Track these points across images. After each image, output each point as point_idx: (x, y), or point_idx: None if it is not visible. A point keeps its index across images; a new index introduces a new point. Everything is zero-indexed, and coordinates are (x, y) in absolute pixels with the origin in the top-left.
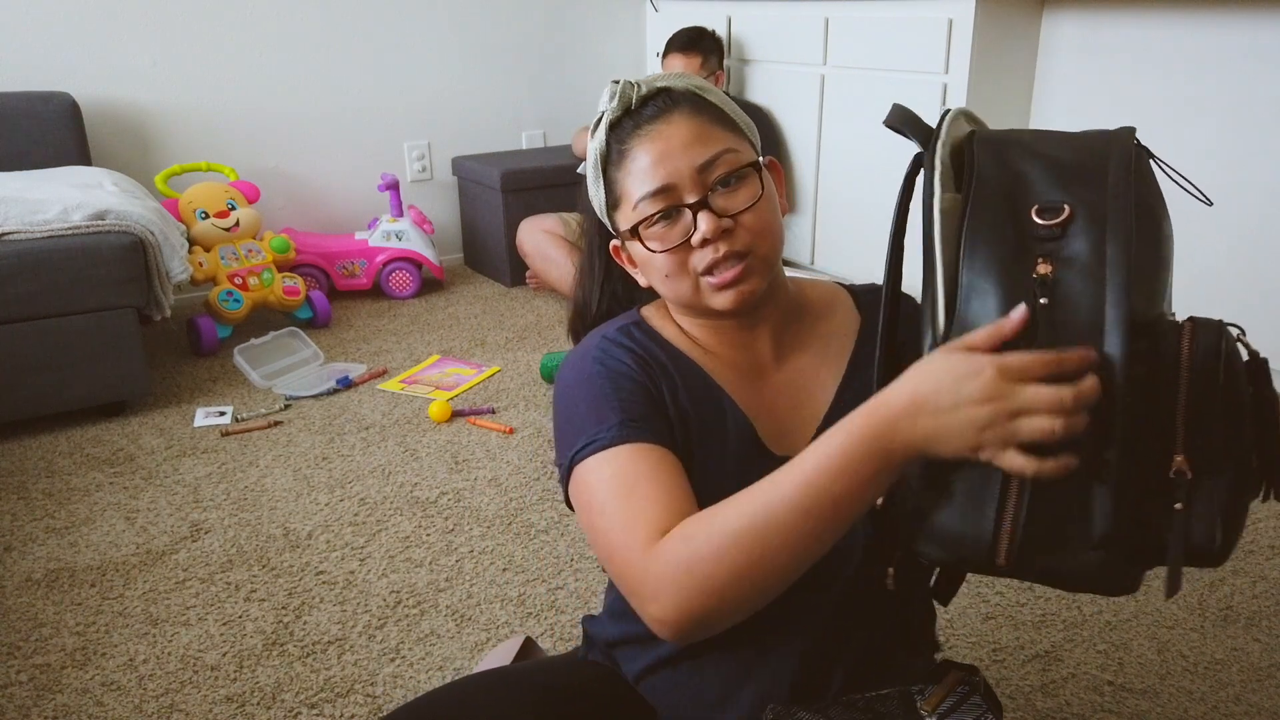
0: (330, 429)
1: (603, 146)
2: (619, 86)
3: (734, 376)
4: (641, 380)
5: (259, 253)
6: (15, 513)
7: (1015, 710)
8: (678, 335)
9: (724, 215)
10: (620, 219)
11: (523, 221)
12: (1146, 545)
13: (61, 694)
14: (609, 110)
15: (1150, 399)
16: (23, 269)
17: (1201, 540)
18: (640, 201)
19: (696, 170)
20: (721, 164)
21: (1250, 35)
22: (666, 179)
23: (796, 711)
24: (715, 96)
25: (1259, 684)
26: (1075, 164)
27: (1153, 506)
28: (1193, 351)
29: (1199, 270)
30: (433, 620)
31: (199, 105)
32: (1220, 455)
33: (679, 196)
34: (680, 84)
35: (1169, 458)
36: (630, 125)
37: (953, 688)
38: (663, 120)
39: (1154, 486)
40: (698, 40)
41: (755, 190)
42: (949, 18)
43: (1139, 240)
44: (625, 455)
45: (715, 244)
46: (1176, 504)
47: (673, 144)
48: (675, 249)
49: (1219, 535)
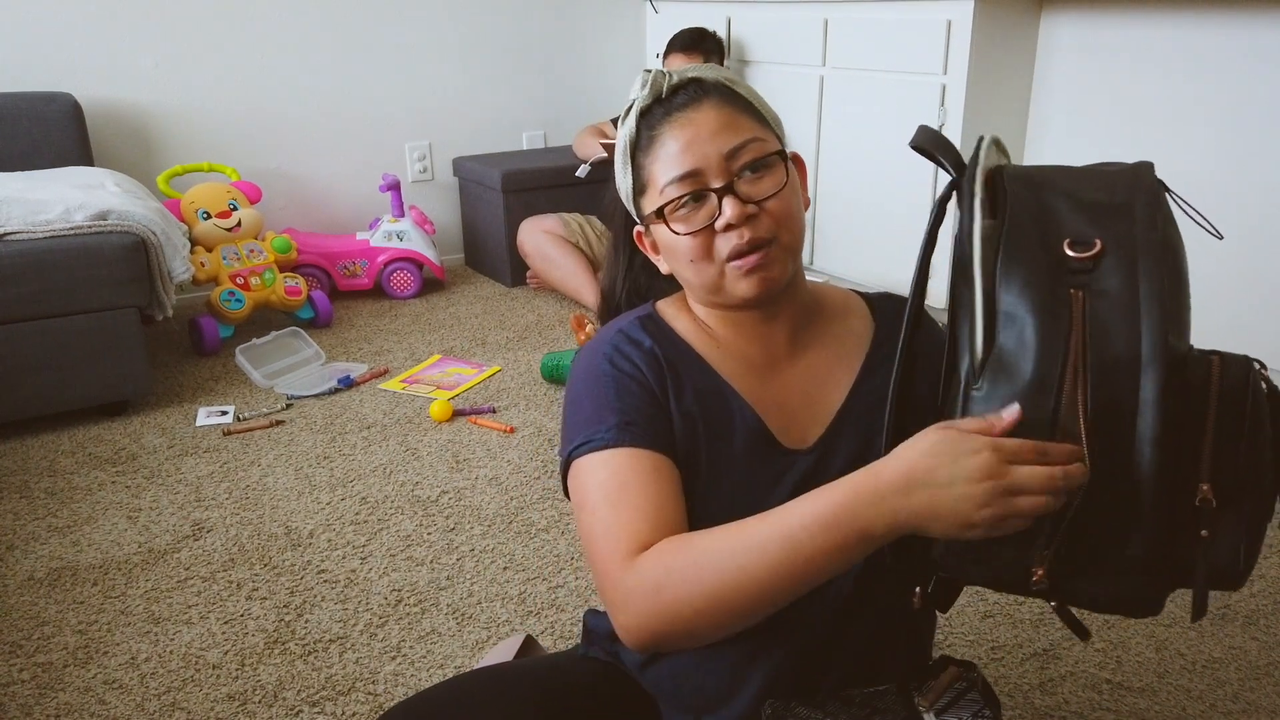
0: (332, 428)
1: (632, 133)
2: (650, 75)
3: (745, 370)
4: (647, 383)
5: (261, 253)
6: (18, 512)
7: (1014, 708)
8: (691, 329)
9: (749, 201)
10: (646, 203)
11: (523, 222)
12: (1173, 569)
13: (64, 692)
14: (640, 97)
15: (1180, 431)
16: (25, 269)
17: (1225, 565)
18: (667, 185)
19: (724, 156)
20: (748, 151)
21: (1250, 35)
22: (694, 164)
23: (795, 706)
24: (744, 89)
25: (1256, 682)
26: (1103, 200)
27: (1180, 533)
28: (1221, 385)
29: (1198, 270)
30: (434, 619)
31: (201, 106)
32: (1244, 484)
33: (705, 181)
34: (711, 75)
35: (1195, 487)
36: (660, 112)
37: (950, 683)
38: (692, 108)
39: (1182, 514)
40: (699, 40)
41: (780, 178)
42: (947, 19)
43: (1167, 277)
44: (620, 459)
45: (740, 229)
46: (1203, 531)
47: (701, 130)
48: (699, 233)
49: (1242, 560)
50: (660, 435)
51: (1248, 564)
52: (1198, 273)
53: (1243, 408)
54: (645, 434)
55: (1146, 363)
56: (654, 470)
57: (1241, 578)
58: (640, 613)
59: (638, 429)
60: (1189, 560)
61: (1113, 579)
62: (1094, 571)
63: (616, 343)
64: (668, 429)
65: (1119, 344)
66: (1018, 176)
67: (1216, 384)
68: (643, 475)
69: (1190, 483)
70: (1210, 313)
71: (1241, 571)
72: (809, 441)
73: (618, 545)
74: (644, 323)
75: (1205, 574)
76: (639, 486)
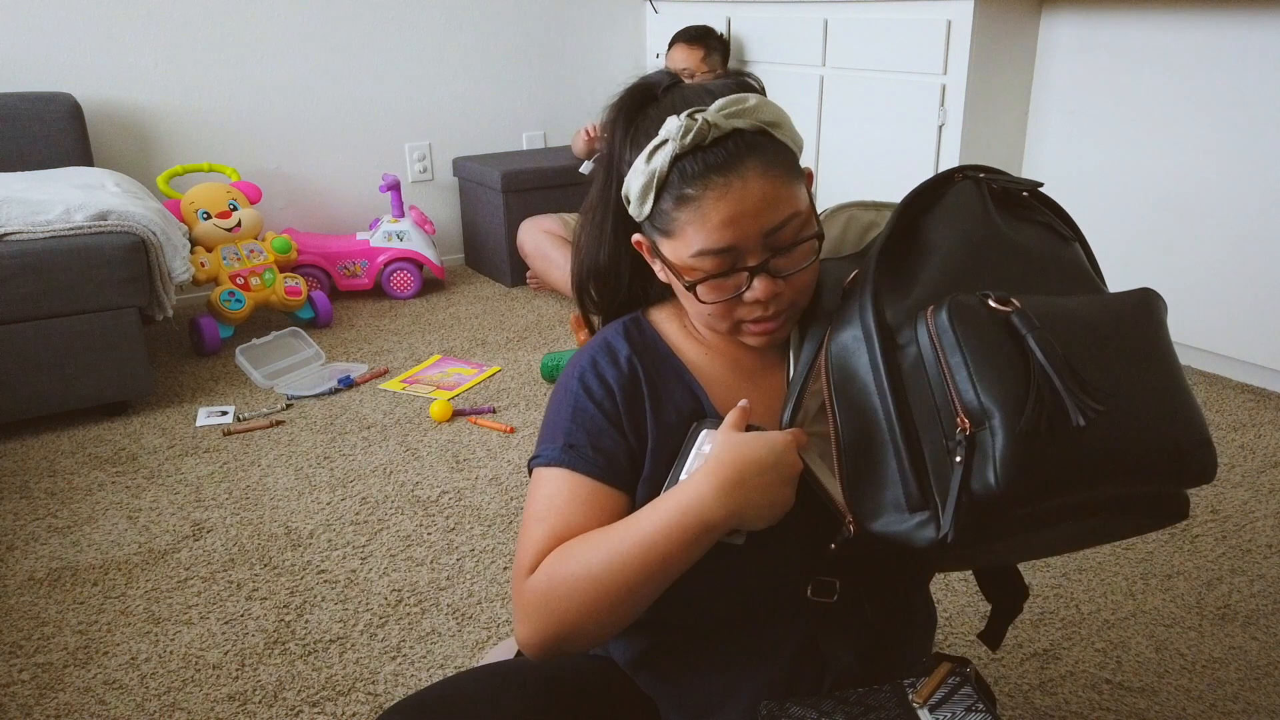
0: (332, 428)
1: (663, 173)
2: (695, 124)
3: (733, 373)
4: (610, 407)
5: (261, 253)
6: (18, 512)
7: (1013, 708)
8: (678, 334)
9: (778, 276)
10: (667, 249)
11: (523, 222)
12: (944, 500)
13: (64, 692)
14: (676, 144)
15: (923, 375)
16: (25, 269)
17: (979, 487)
18: (701, 254)
19: (763, 234)
20: (788, 230)
21: (1250, 35)
22: (733, 241)
23: (790, 707)
24: (784, 133)
25: (1257, 682)
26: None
27: (944, 466)
28: (931, 325)
29: (1198, 270)
30: (434, 619)
31: (201, 106)
32: (994, 404)
33: (742, 259)
34: (749, 123)
35: (954, 420)
36: (698, 168)
37: (944, 679)
38: (735, 174)
39: (947, 449)
40: (704, 35)
41: (810, 252)
42: (947, 19)
43: (903, 262)
44: (560, 480)
45: (765, 304)
46: (956, 458)
47: (745, 206)
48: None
49: (994, 478)
50: (603, 464)
51: (1005, 476)
52: (1198, 272)
53: (968, 337)
54: (584, 459)
55: (867, 335)
56: (585, 497)
57: (1007, 492)
58: (534, 623)
59: (576, 453)
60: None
61: (897, 516)
62: (883, 513)
63: (596, 356)
64: (621, 455)
65: (850, 338)
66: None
67: (930, 326)
68: (572, 500)
69: (950, 420)
70: (1210, 313)
71: (999, 485)
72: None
73: (525, 560)
74: (628, 329)
75: (955, 493)
76: (562, 509)
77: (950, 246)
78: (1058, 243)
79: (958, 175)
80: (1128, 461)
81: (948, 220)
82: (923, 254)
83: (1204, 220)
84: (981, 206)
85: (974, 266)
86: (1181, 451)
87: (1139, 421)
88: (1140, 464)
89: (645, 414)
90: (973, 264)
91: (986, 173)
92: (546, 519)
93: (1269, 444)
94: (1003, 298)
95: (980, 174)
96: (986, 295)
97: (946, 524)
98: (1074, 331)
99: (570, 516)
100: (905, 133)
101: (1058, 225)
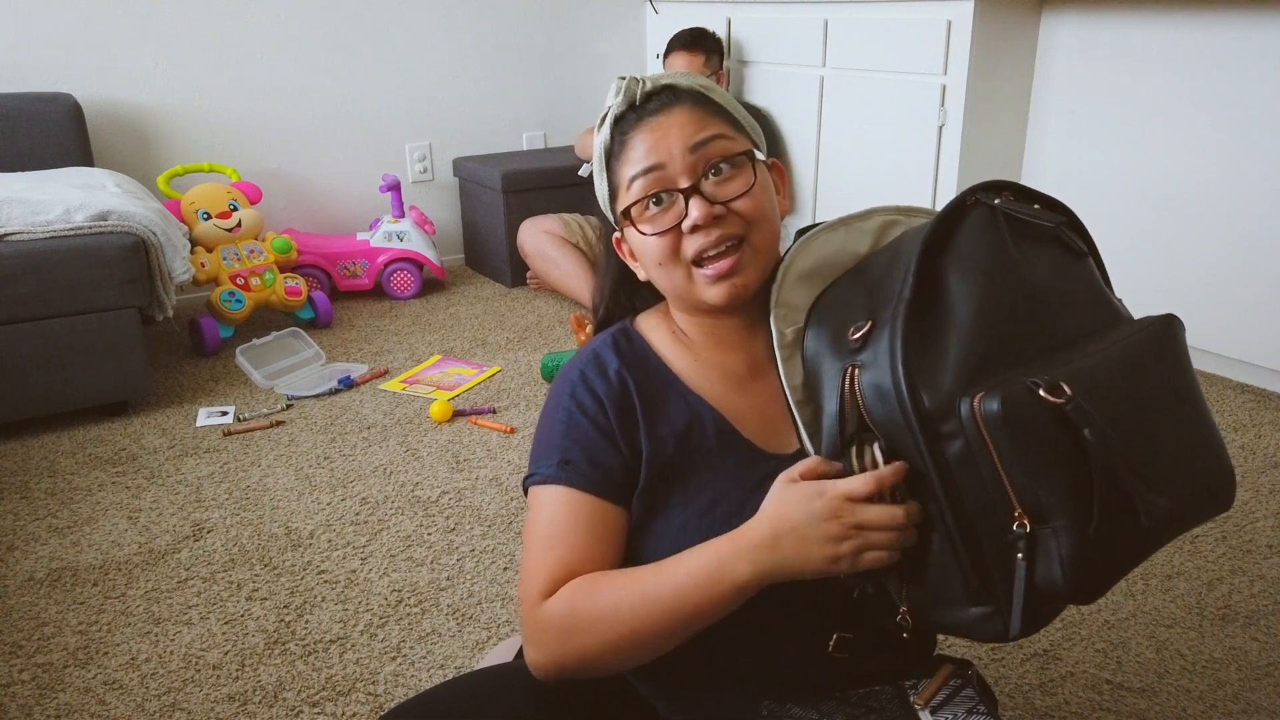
0: (332, 429)
1: (607, 140)
2: (625, 82)
3: (723, 380)
4: (602, 421)
5: (261, 253)
6: (18, 512)
7: (1014, 709)
8: (668, 342)
9: (715, 201)
10: (618, 206)
11: (523, 222)
12: (1005, 596)
13: (64, 693)
14: (614, 105)
15: (975, 467)
16: (25, 269)
17: (1044, 583)
18: (633, 182)
19: (688, 149)
20: (714, 146)
21: (1249, 35)
22: (658, 158)
23: (791, 708)
24: (720, 96)
25: (1257, 683)
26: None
27: (1003, 561)
28: (986, 420)
29: (1198, 270)
30: (434, 619)
31: (201, 106)
32: (1057, 504)
33: (671, 180)
34: (686, 82)
35: (1012, 515)
36: (633, 118)
37: (946, 680)
38: (664, 113)
39: (1000, 543)
40: (701, 39)
41: (749, 179)
42: (948, 19)
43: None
44: (560, 498)
45: (707, 229)
46: (1019, 555)
47: (669, 130)
48: (667, 233)
49: (1060, 576)
50: (600, 479)
51: (1073, 576)
52: (1198, 272)
53: (1021, 434)
54: (581, 475)
55: (909, 426)
56: (586, 516)
57: (1070, 590)
58: (550, 651)
59: (573, 469)
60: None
61: (957, 610)
62: (942, 605)
63: (585, 370)
64: (617, 468)
65: (883, 408)
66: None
67: (978, 421)
68: (574, 521)
69: (1006, 513)
70: (1211, 313)
71: (1065, 585)
72: (795, 445)
73: (536, 584)
74: (617, 341)
75: (1020, 594)
76: (566, 533)
77: (976, 306)
78: (1070, 261)
79: (970, 200)
80: (1173, 524)
81: (967, 268)
82: (946, 311)
83: (1204, 220)
84: (1000, 243)
85: (1003, 332)
86: (1212, 493)
87: (1180, 482)
88: (1183, 520)
89: (638, 426)
90: (1001, 326)
91: (1000, 194)
92: (553, 544)
93: (1269, 444)
94: (1053, 385)
95: (994, 198)
96: (1036, 385)
97: (1016, 623)
98: (1118, 404)
99: (575, 540)
100: (905, 133)
101: (1066, 236)
